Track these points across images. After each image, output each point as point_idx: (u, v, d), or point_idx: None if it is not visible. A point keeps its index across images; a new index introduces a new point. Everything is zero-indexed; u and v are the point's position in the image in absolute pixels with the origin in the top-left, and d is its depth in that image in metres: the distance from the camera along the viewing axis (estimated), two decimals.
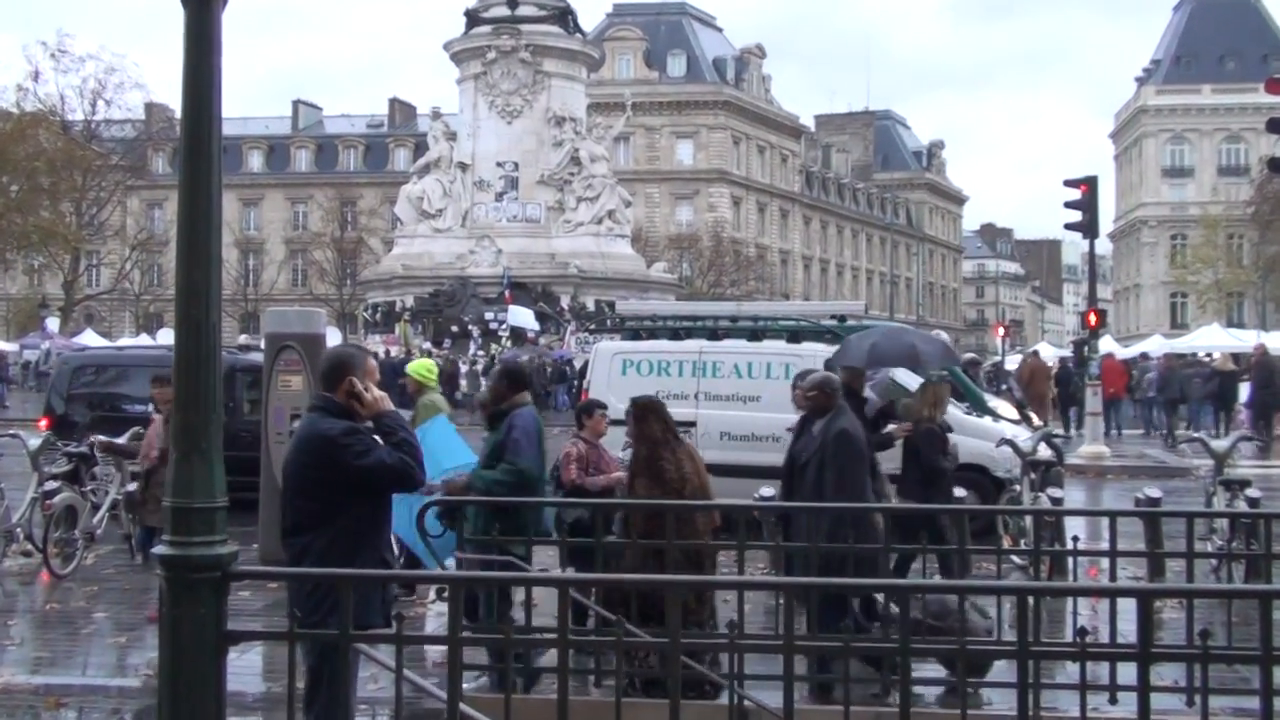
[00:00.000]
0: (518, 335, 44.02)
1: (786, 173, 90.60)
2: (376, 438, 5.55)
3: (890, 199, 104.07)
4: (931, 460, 10.08)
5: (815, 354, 14.42)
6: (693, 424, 14.17)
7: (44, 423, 16.34)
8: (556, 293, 46.26)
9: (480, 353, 42.86)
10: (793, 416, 14.03)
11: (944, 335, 16.98)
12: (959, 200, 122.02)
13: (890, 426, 10.40)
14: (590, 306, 46.18)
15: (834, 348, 14.70)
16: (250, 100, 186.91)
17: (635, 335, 15.58)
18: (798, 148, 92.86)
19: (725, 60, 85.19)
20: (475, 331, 44.31)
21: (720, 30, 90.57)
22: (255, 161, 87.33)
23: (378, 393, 5.66)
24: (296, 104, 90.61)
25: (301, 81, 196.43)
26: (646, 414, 7.47)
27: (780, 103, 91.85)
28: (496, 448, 7.65)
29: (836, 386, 8.25)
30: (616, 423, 10.87)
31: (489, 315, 44.47)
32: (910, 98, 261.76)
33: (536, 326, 44.29)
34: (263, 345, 13.11)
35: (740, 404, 14.41)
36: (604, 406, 9.90)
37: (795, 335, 14.93)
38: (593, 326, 26.02)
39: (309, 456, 5.53)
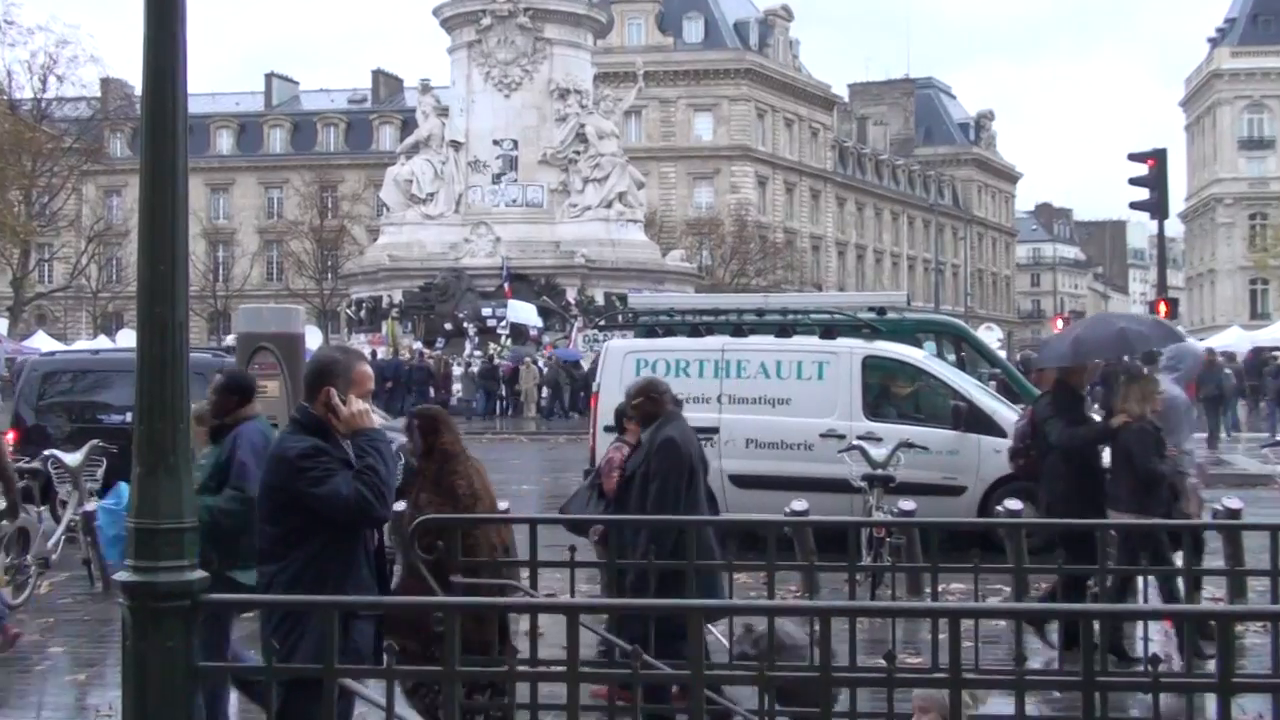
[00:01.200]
0: (518, 333, 44.05)
1: (817, 148, 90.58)
2: (350, 460, 5.49)
3: (934, 177, 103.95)
4: (1147, 464, 9.49)
5: (851, 350, 14.41)
6: (715, 430, 14.17)
7: (11, 435, 16.31)
8: (561, 285, 46.31)
9: (477, 353, 42.93)
10: (828, 421, 14.11)
11: (1149, 316, 16.67)
12: (1011, 178, 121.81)
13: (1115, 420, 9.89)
14: (599, 300, 46.18)
15: (872, 344, 14.70)
16: (218, 75, 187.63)
17: (650, 332, 15.59)
18: (830, 120, 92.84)
19: (748, 23, 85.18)
20: (471, 329, 44.35)
21: None
22: (224, 142, 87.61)
23: (358, 406, 5.56)
24: (270, 78, 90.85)
25: (276, 54, 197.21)
26: (437, 425, 7.48)
27: (810, 70, 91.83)
28: (219, 468, 7.32)
29: (664, 390, 8.18)
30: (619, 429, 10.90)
31: (486, 311, 44.52)
32: (954, 65, 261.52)
33: (539, 323, 44.33)
34: (234, 346, 13.12)
35: (768, 407, 14.39)
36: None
37: (829, 330, 14.92)
38: (602, 322, 26.14)
39: (271, 477, 5.52)
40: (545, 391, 40.26)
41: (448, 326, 44.90)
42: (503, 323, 43.77)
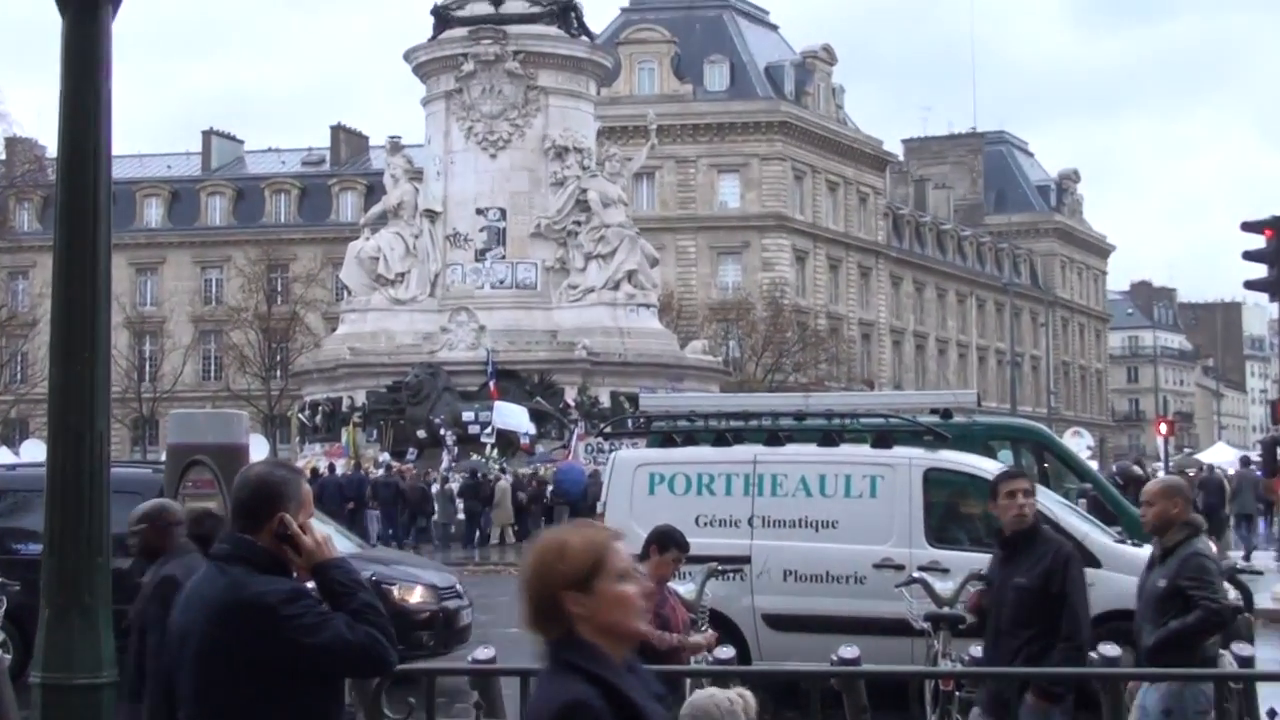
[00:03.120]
0: (506, 441, 43.99)
1: (867, 216, 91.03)
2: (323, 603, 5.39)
3: (1008, 250, 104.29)
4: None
5: (910, 462, 14.38)
6: (745, 560, 14.12)
7: None
8: (559, 383, 46.35)
9: (455, 465, 42.84)
10: (883, 548, 14.04)
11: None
12: (1101, 251, 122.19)
13: None
14: (604, 402, 46.15)
15: (937, 455, 14.66)
16: (146, 132, 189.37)
17: (667, 440, 15.59)
18: (881, 183, 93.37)
19: (782, 68, 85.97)
20: (449, 438, 44.29)
21: (775, 28, 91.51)
22: (153, 212, 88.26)
23: (320, 533, 5.49)
24: (208, 136, 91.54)
25: (216, 108, 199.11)
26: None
27: (857, 124, 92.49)
28: None
29: (174, 519, 7.92)
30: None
31: (468, 415, 44.48)
32: (1028, 120, 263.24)
33: (531, 429, 44.27)
34: (164, 459, 13.14)
35: (810, 532, 14.34)
36: (684, 545, 9.95)
37: (884, 437, 14.90)
38: (608, 429, 26.19)
39: (233, 631, 5.24)
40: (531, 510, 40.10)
41: (421, 434, 44.84)
42: (488, 429, 43.71)
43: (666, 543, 10.01)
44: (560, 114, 49.42)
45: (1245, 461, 38.28)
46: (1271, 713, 5.00)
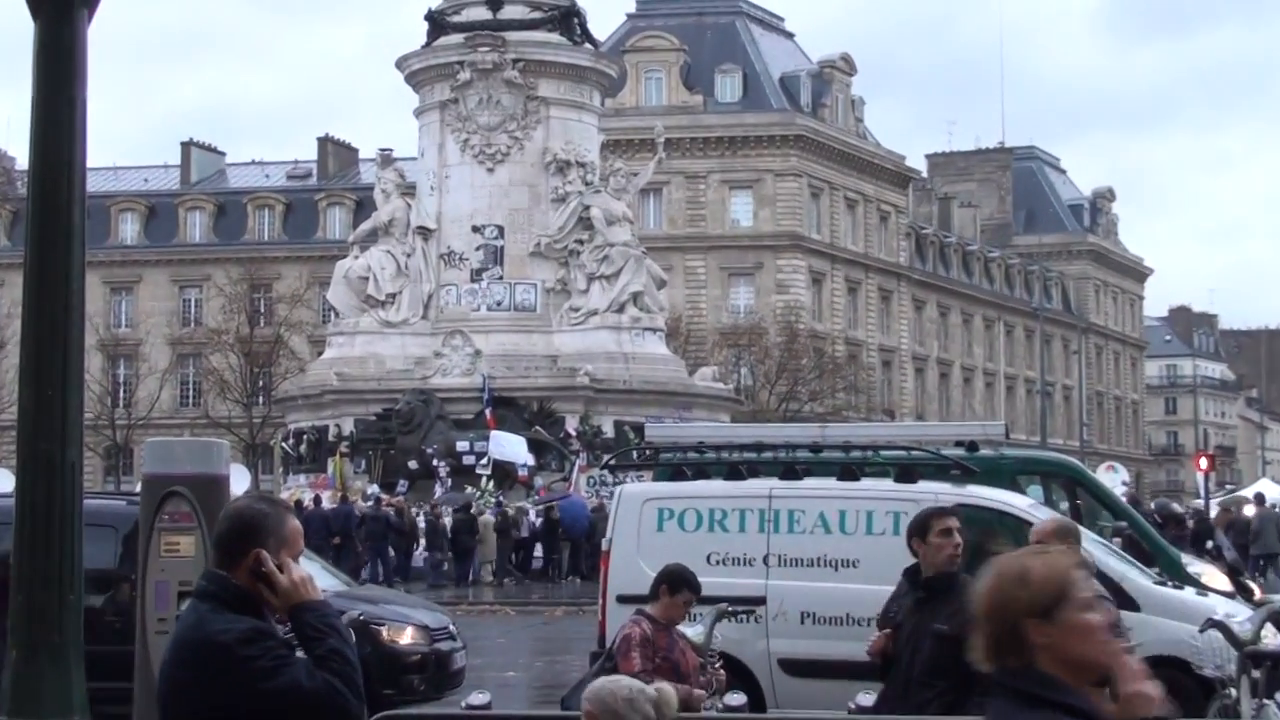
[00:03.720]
0: (503, 473, 43.96)
1: (888, 236, 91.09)
2: (296, 645, 5.39)
3: (1038, 273, 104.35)
4: None
5: (936, 497, 14.35)
6: (760, 601, 14.10)
7: None
8: (559, 411, 46.35)
9: (450, 499, 42.80)
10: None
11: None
12: (1138, 274, 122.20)
13: None
14: (608, 432, 46.12)
15: (964, 490, 14.64)
16: (122, 144, 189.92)
17: (677, 473, 15.58)
18: (904, 201, 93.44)
19: (797, 78, 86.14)
20: (442, 469, 44.29)
21: (791, 36, 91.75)
22: (129, 228, 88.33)
23: (299, 573, 5.48)
24: (188, 147, 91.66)
25: (196, 119, 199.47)
26: None
27: (877, 137, 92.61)
28: None
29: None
30: (638, 598, 10.81)
31: (462, 445, 44.48)
32: (1059, 136, 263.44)
33: (530, 460, 44.26)
34: (139, 490, 13.14)
35: (830, 571, 14.31)
36: (695, 586, 9.93)
37: (908, 471, 14.88)
38: (613, 461, 26.13)
39: (191, 671, 5.30)
40: (534, 548, 40.14)
41: (413, 465, 44.84)
42: (483, 460, 43.70)
43: (678, 584, 9.99)
44: (562, 126, 49.50)
45: (1260, 500, 38.27)
46: None
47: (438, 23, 50.23)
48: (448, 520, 40.40)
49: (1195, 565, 18.20)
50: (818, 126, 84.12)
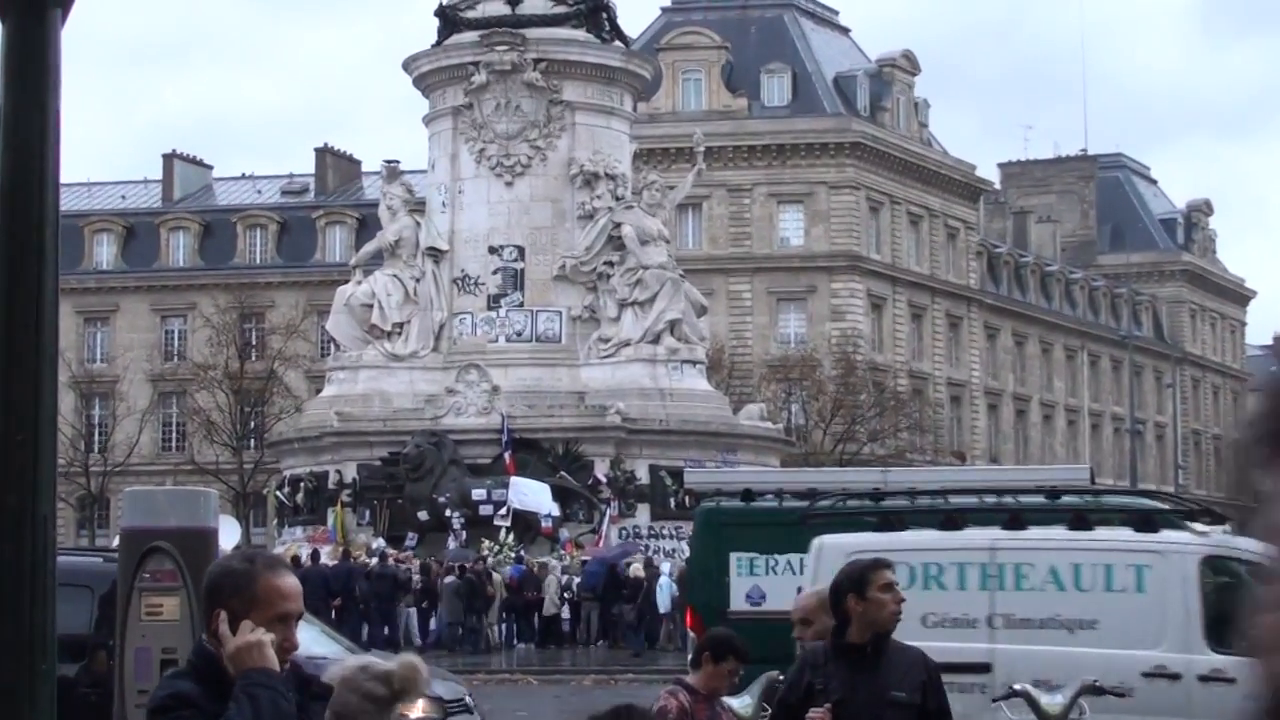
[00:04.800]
0: (524, 524, 43.93)
1: (956, 256, 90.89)
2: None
3: (1126, 296, 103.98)
4: None
5: (1184, 549, 14.20)
6: (986, 668, 14.13)
7: None
8: (587, 455, 46.32)
9: (463, 555, 42.77)
10: (1154, 653, 13.88)
11: None
12: (1239, 297, 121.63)
13: None
14: (642, 477, 46.08)
15: (1213, 538, 14.56)
16: (98, 157, 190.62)
17: (887, 522, 15.38)
18: (974, 216, 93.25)
19: (854, 79, 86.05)
20: (456, 520, 44.29)
21: (847, 32, 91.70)
22: (104, 251, 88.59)
23: (253, 637, 5.56)
24: (171, 160, 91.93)
25: (185, 132, 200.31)
26: None
27: (944, 144, 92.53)
28: None
29: None
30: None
31: (478, 493, 44.48)
32: (1147, 143, 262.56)
33: (554, 510, 44.24)
34: (117, 546, 13.16)
35: (1064, 634, 14.29)
36: (743, 654, 9.87)
37: (1148, 520, 14.80)
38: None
39: None
40: (564, 606, 40.11)
41: (423, 516, 44.87)
42: (502, 510, 43.69)
43: (724, 651, 9.94)
44: (589, 134, 49.59)
45: None
46: None
47: (450, 19, 50.34)
48: (457, 578, 40.26)
49: None
50: (877, 132, 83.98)
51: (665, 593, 38.72)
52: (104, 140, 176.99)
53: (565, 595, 41.60)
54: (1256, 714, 3.36)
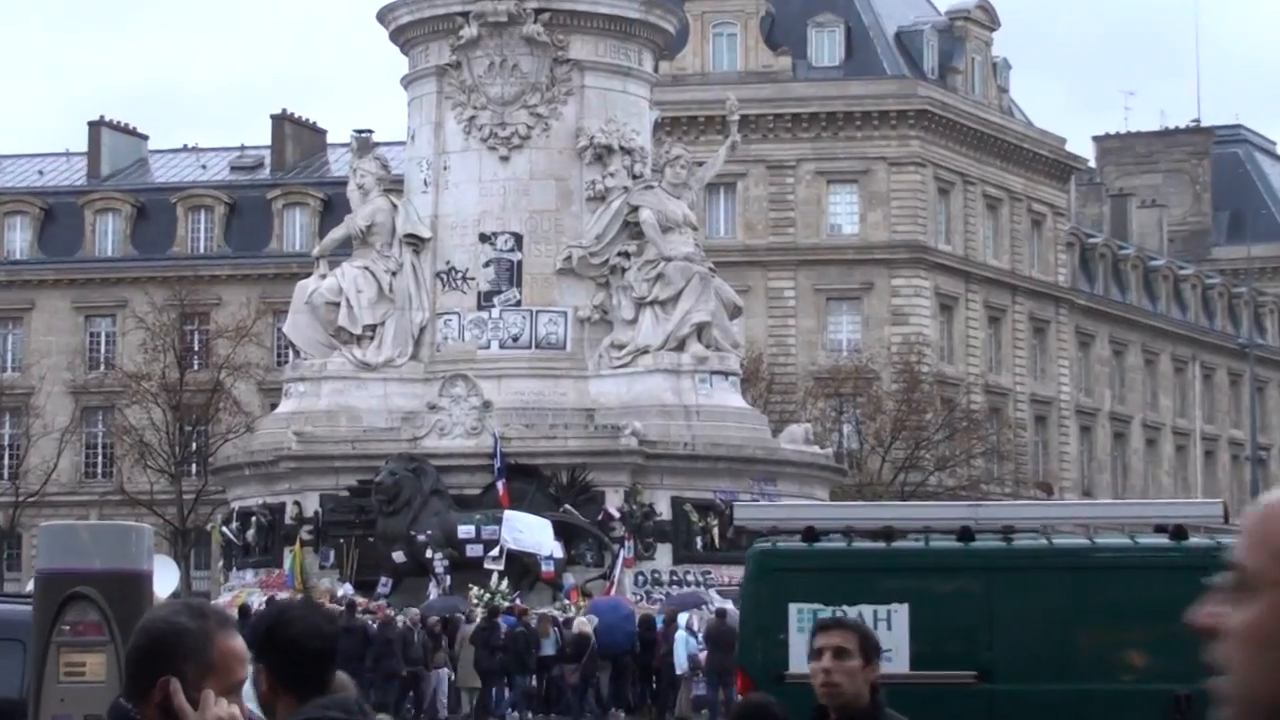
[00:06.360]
0: (521, 567, 43.92)
1: (1043, 247, 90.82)
2: None
3: (1248, 296, 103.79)
4: None
5: None
6: None
7: None
8: (597, 485, 46.31)
9: (448, 604, 42.74)
10: None
11: None
12: None
13: None
14: (663, 512, 46.06)
15: None
16: (15, 128, 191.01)
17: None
18: (1064, 199, 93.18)
19: (919, 34, 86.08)
20: (439, 563, 44.28)
21: None
22: (18, 238, 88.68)
23: (223, 710, 5.52)
24: (98, 128, 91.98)
25: (120, 98, 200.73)
26: None
27: (1027, 113, 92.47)
28: None
29: None
30: None
31: (466, 530, 44.49)
32: (1270, 113, 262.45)
33: (557, 550, 44.23)
34: (30, 591, 13.09)
35: None
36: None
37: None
38: (666, 564, 25.75)
39: None
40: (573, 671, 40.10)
41: (399, 557, 44.85)
42: (494, 551, 43.68)
43: None
44: (601, 99, 49.66)
45: None
46: None
47: None
48: (441, 632, 40.27)
49: None
50: (946, 98, 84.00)
51: (683, 649, 38.68)
52: (25, 108, 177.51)
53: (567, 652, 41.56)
54: None
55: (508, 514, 43.81)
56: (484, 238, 49.05)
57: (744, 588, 22.07)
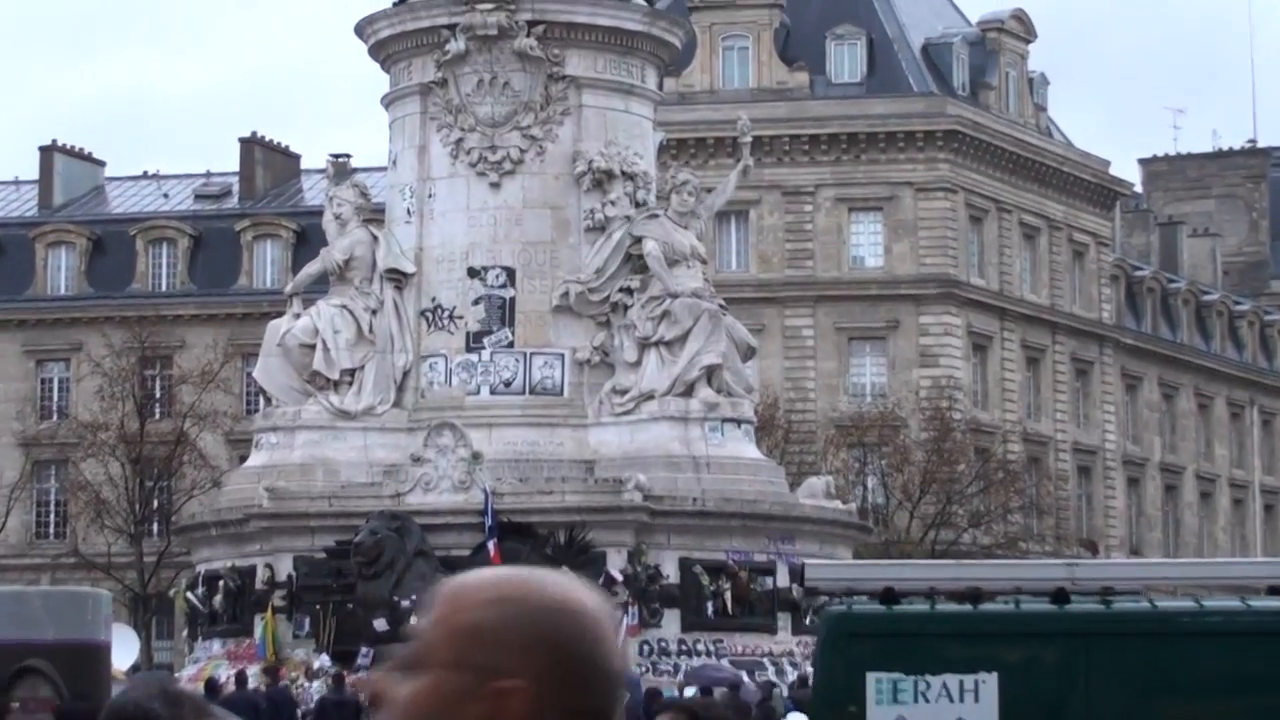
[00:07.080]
0: None
1: (1085, 281, 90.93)
2: None
3: None
4: None
5: None
6: None
7: None
8: (598, 544, 46.26)
9: None
10: None
11: None
12: None
13: None
14: (670, 574, 46.01)
15: None
16: None
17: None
18: (1108, 228, 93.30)
19: (948, 47, 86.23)
20: None
21: None
22: None
23: None
24: (50, 153, 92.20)
25: (77, 123, 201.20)
26: None
27: (1067, 134, 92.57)
28: None
29: None
30: None
31: None
32: None
33: None
34: None
35: None
36: None
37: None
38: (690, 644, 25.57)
39: None
40: None
41: (380, 625, 44.79)
42: None
43: None
44: (600, 120, 49.72)
45: None
46: None
47: None
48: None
49: None
50: (978, 118, 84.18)
51: None
52: None
53: None
54: None
55: None
56: (473, 272, 49.03)
57: (817, 656, 22.04)
